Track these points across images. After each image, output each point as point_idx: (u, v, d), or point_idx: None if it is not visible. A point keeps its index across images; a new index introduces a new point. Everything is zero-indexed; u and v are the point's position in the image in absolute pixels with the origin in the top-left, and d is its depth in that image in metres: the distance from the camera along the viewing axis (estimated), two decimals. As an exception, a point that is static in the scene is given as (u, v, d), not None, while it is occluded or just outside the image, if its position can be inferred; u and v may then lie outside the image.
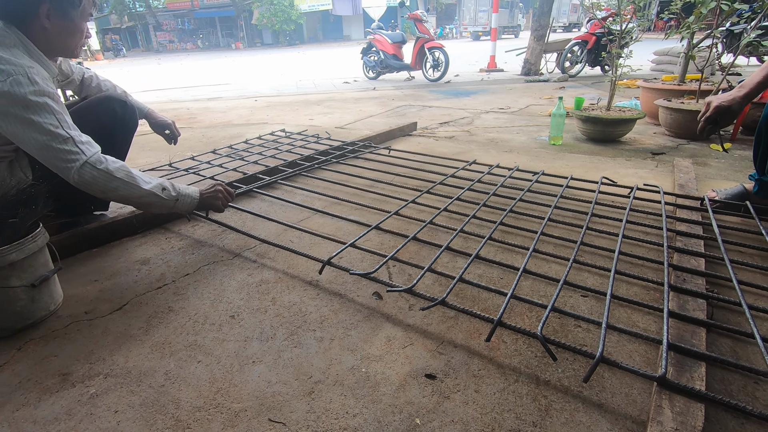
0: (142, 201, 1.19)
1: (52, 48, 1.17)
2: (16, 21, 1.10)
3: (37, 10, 1.10)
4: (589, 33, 6.30)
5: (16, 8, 1.10)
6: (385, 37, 6.99)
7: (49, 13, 1.12)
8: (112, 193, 1.14)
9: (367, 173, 2.01)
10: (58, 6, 1.12)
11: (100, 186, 1.11)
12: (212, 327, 1.05)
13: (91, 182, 1.10)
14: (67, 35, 1.17)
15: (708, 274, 1.12)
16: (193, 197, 1.31)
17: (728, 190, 1.58)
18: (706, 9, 2.84)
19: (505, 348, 0.96)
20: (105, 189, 1.12)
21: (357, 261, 1.34)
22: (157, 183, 1.21)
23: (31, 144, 1.05)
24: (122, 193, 1.15)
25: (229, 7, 29.40)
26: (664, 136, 2.90)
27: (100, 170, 1.10)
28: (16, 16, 1.10)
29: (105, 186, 1.12)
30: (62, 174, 1.09)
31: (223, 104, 5.05)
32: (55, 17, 1.13)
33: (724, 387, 0.84)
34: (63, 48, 1.20)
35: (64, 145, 1.06)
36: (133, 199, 1.18)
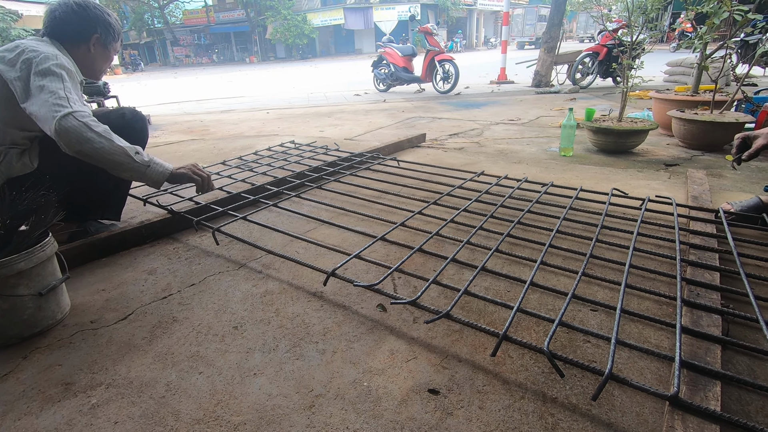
0: (113, 158, 1.22)
1: (86, 68, 1.41)
2: (66, 42, 1.35)
3: (90, 38, 1.38)
4: (600, 44, 6.28)
5: (72, 34, 1.35)
6: (395, 50, 7.06)
7: (96, 42, 1.39)
8: (87, 145, 1.17)
9: (374, 184, 2.01)
10: (104, 38, 1.41)
11: (76, 136, 1.15)
12: (215, 338, 1.05)
13: (69, 130, 1.14)
14: (102, 61, 1.44)
15: (723, 288, 1.08)
16: (165, 168, 1.36)
17: (744, 203, 1.54)
18: (718, 19, 2.81)
19: (511, 363, 0.93)
20: (80, 139, 1.16)
21: (362, 272, 1.33)
22: (132, 146, 1.27)
23: (36, 105, 1.16)
24: (96, 146, 1.18)
25: (243, 23, 30.10)
26: (678, 147, 2.85)
27: (80, 121, 1.16)
28: (68, 38, 1.35)
29: (80, 136, 1.15)
30: (46, 124, 1.15)
31: (236, 116, 5.13)
32: (98, 46, 1.41)
33: (741, 407, 0.80)
34: (94, 70, 1.45)
35: (58, 101, 1.16)
36: (105, 154, 1.20)
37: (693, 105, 3.04)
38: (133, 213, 1.85)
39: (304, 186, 1.97)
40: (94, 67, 1.44)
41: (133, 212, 1.86)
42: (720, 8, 2.77)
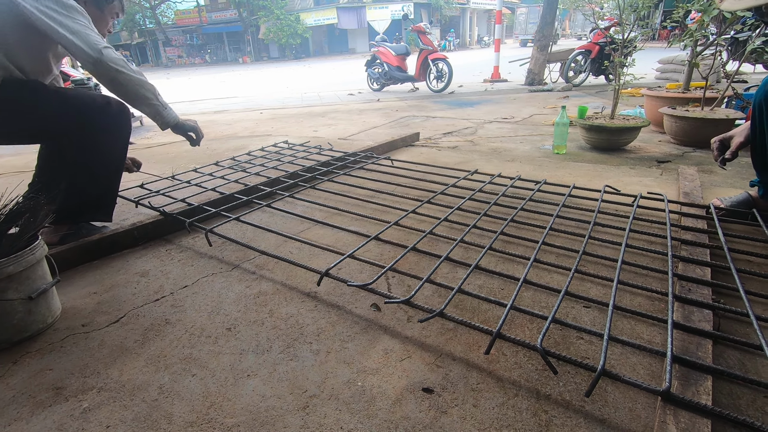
0: (142, 91, 1.41)
1: None
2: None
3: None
4: (592, 42, 6.32)
5: None
6: (389, 50, 7.06)
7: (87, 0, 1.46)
8: (123, 75, 1.35)
9: (368, 184, 2.00)
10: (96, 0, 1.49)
11: (116, 65, 1.33)
12: (208, 340, 1.04)
13: (112, 59, 1.32)
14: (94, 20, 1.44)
15: (714, 283, 1.09)
16: (177, 115, 1.55)
17: (733, 198, 1.55)
18: (708, 17, 2.83)
19: (505, 361, 0.93)
20: (118, 66, 1.33)
21: (356, 272, 1.32)
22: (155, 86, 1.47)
23: (72, 35, 1.28)
24: (131, 76, 1.37)
25: (236, 23, 29.96)
26: (670, 144, 2.87)
27: (118, 55, 1.35)
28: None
29: (119, 65, 1.34)
30: (88, 51, 1.29)
31: (229, 117, 5.11)
32: (90, 4, 1.47)
33: (732, 402, 0.81)
34: None
35: (96, 36, 1.32)
36: (136, 85, 1.39)
37: (684, 102, 3.06)
38: (124, 215, 1.84)
39: (297, 186, 1.96)
40: None
41: (124, 214, 1.84)
42: (710, 5, 2.79)
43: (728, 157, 1.48)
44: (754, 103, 1.41)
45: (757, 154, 1.44)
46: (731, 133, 1.53)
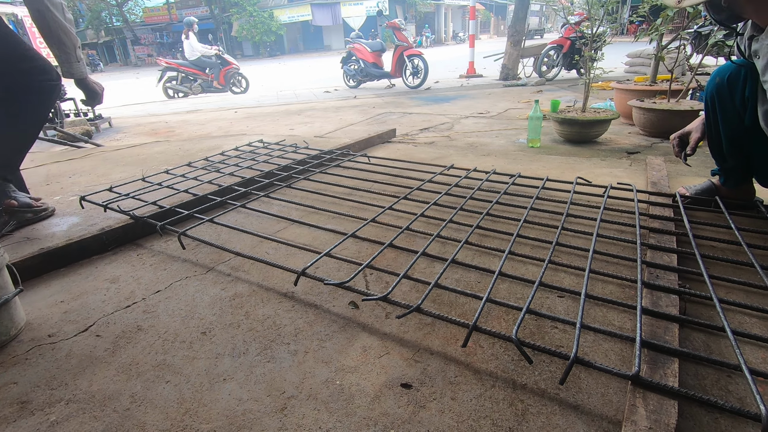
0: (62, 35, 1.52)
1: None
2: None
3: None
4: (563, 37, 6.44)
5: None
6: (364, 46, 7.03)
7: None
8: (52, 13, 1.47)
9: (345, 181, 1.99)
10: None
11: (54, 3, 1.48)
12: (182, 345, 1.02)
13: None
14: None
15: (680, 269, 1.13)
16: (86, 72, 1.71)
17: (697, 186, 1.61)
18: (672, 12, 2.92)
19: (482, 353, 0.94)
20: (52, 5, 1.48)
21: (334, 270, 1.31)
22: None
23: None
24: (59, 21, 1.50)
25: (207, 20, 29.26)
26: (639, 136, 2.96)
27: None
28: None
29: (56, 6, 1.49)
30: None
31: (202, 116, 4.99)
32: None
33: (698, 382, 0.84)
34: None
35: None
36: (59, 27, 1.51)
37: (651, 94, 3.16)
38: (92, 220, 1.77)
39: (273, 185, 1.93)
40: None
41: (93, 219, 1.78)
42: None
43: (689, 153, 1.53)
44: (706, 97, 1.45)
45: (714, 144, 1.50)
46: (688, 128, 1.58)
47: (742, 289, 1.11)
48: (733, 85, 1.36)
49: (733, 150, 1.44)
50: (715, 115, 1.44)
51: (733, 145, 1.43)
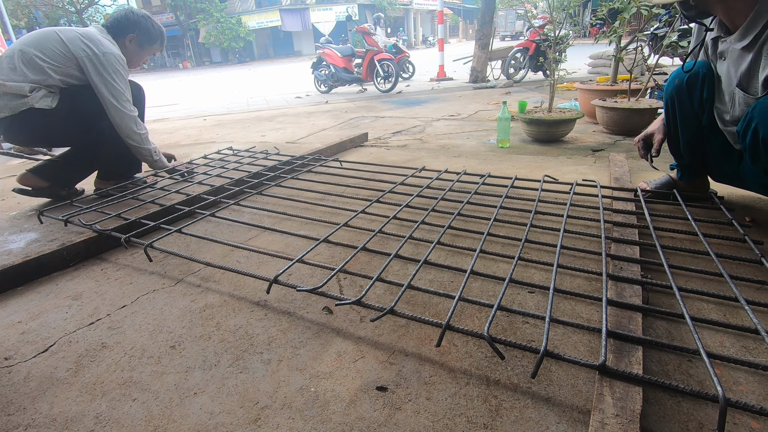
0: (141, 154, 2.07)
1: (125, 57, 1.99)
2: (113, 34, 1.97)
3: (126, 36, 1.99)
4: (529, 40, 6.62)
5: (116, 30, 1.98)
6: (334, 51, 7.03)
7: (131, 40, 2.01)
8: (131, 140, 1.99)
9: (317, 186, 1.98)
10: (138, 39, 2.02)
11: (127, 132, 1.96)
12: (150, 360, 0.98)
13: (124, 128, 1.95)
14: (134, 55, 2.06)
15: (642, 261, 1.17)
16: (164, 163, 2.18)
17: (657, 181, 1.68)
18: (628, 14, 3.05)
19: (456, 351, 0.95)
20: (130, 136, 1.97)
21: (307, 276, 1.30)
22: (154, 146, 2.09)
23: (108, 93, 1.87)
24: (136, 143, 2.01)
25: (173, 26, 28.61)
26: (603, 134, 3.06)
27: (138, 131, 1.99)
28: (113, 32, 1.98)
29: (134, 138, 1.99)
30: (114, 112, 1.91)
31: (170, 125, 4.86)
32: (134, 42, 2.02)
33: (662, 368, 0.87)
34: (128, 61, 2.01)
35: (126, 101, 1.93)
36: (137, 150, 2.04)
37: (613, 94, 3.28)
38: (52, 235, 1.70)
39: (243, 193, 1.90)
40: (129, 58, 2.01)
41: (52, 234, 1.70)
42: (629, 4, 3.01)
43: (654, 155, 1.59)
44: (666, 97, 1.52)
45: (673, 143, 1.57)
46: (650, 129, 1.64)
47: (699, 277, 1.17)
48: (692, 87, 1.43)
49: (690, 148, 1.51)
50: (674, 116, 1.51)
51: (690, 144, 1.50)
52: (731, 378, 0.84)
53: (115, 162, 2.09)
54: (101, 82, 1.82)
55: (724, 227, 1.39)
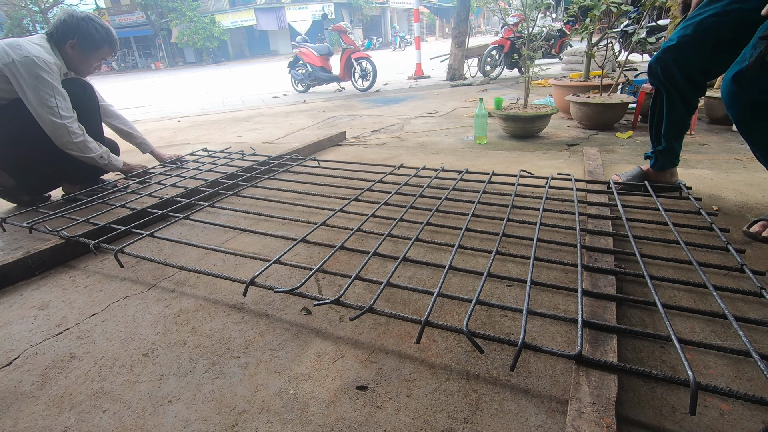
0: (86, 162, 1.91)
1: (68, 64, 1.89)
2: (54, 40, 1.84)
3: (66, 42, 1.84)
4: (504, 38, 6.70)
5: (57, 37, 1.83)
6: (311, 50, 6.96)
7: (72, 47, 1.85)
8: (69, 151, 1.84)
9: (294, 186, 1.96)
10: (80, 45, 1.85)
11: (62, 143, 1.81)
12: (122, 369, 0.95)
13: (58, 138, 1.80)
14: (80, 63, 1.91)
15: (616, 251, 1.19)
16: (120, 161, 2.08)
17: (629, 173, 1.72)
18: (598, 11, 3.12)
19: (436, 347, 0.95)
20: (65, 146, 1.82)
21: (285, 277, 1.28)
22: (98, 152, 1.92)
23: (34, 101, 1.71)
24: (75, 154, 1.85)
25: (144, 26, 27.86)
26: (577, 129, 3.12)
27: (71, 140, 1.81)
28: (55, 39, 1.83)
29: (66, 145, 1.82)
30: (42, 123, 1.75)
31: (142, 127, 4.72)
32: (77, 49, 1.86)
33: (636, 355, 0.89)
34: (73, 68, 1.93)
35: (51, 109, 1.74)
36: (81, 159, 1.89)
37: (586, 90, 3.35)
38: (17, 243, 1.62)
39: (219, 194, 1.86)
40: (74, 66, 1.91)
41: (17, 242, 1.63)
42: (599, 1, 3.07)
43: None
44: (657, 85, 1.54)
45: (655, 127, 1.61)
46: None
47: (670, 265, 1.20)
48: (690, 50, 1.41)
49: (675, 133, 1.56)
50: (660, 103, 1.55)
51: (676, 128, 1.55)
52: (702, 362, 0.86)
53: (78, 166, 1.96)
54: (25, 90, 1.68)
55: (693, 216, 1.43)
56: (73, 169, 1.99)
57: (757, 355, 0.74)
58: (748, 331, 0.93)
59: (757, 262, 1.19)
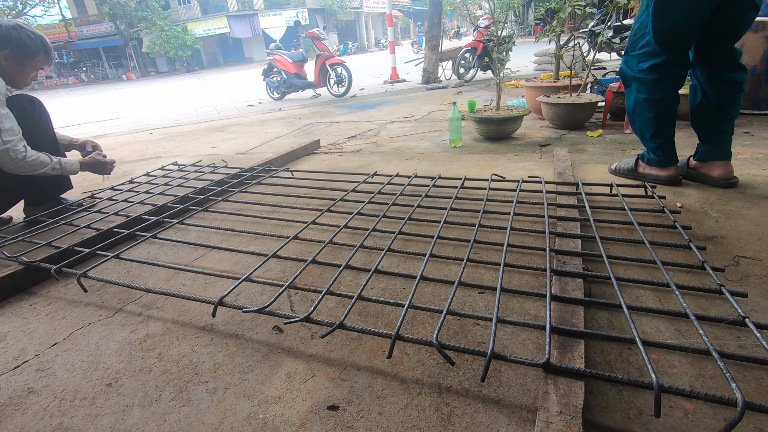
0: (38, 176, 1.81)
1: (4, 77, 1.73)
2: None
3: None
4: (476, 41, 6.79)
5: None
6: (285, 57, 6.92)
7: (6, 57, 1.72)
8: (18, 172, 1.74)
9: (267, 199, 1.93)
10: (14, 55, 1.74)
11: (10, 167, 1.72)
12: (84, 402, 0.91)
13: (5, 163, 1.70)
14: (16, 74, 1.78)
15: (584, 253, 1.21)
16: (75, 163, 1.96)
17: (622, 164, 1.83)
18: (564, 14, 3.19)
19: (409, 361, 0.95)
20: (13, 169, 1.72)
21: (256, 295, 1.26)
22: (50, 163, 1.82)
23: None
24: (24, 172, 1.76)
25: (113, 36, 27.22)
26: (549, 129, 3.18)
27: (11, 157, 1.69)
28: None
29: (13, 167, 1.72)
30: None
31: (113, 140, 4.61)
32: (11, 60, 1.74)
33: (604, 358, 0.90)
34: (11, 81, 1.79)
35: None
36: (32, 175, 1.79)
37: (556, 90, 3.41)
38: (-26, 271, 1.55)
39: (188, 211, 1.82)
40: (11, 78, 1.78)
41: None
42: (564, 4, 3.14)
43: None
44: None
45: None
46: None
47: (637, 265, 1.22)
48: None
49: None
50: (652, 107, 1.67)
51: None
52: (667, 362, 0.88)
53: (35, 186, 1.89)
54: None
55: (658, 215, 1.47)
56: (34, 187, 1.92)
57: (717, 354, 0.76)
58: (709, 328, 0.95)
59: (718, 258, 1.22)
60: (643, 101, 1.66)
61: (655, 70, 1.59)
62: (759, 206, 1.51)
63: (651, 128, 1.69)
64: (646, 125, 1.70)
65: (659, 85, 1.61)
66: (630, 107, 1.75)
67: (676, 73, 1.60)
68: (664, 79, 1.60)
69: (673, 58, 1.56)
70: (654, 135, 1.70)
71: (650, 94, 1.63)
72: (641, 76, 1.63)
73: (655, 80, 1.61)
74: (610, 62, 6.31)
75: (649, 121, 1.68)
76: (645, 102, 1.66)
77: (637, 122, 1.74)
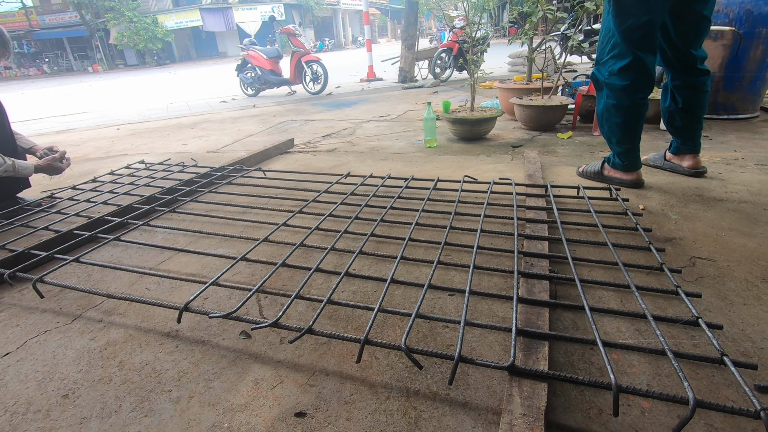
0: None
1: None
2: None
3: None
4: (452, 41, 6.85)
5: None
6: (259, 53, 6.79)
7: None
8: None
9: (237, 200, 1.89)
10: None
11: None
12: (37, 415, 0.87)
13: None
14: None
15: (551, 255, 1.24)
16: (29, 165, 1.88)
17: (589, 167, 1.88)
18: (536, 18, 3.25)
19: (378, 365, 0.95)
20: None
21: (225, 299, 1.23)
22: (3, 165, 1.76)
23: None
24: None
25: (78, 26, 26.05)
26: (522, 130, 3.24)
27: None
28: None
29: None
30: None
31: (77, 136, 4.41)
32: None
33: (567, 359, 0.92)
34: None
35: None
36: None
37: (528, 92, 3.48)
38: None
39: (155, 211, 1.76)
40: None
41: None
42: (536, 8, 3.20)
43: None
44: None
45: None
46: None
47: (601, 267, 1.26)
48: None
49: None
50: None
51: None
52: (626, 361, 0.91)
53: None
54: None
55: (622, 217, 1.52)
56: None
57: (671, 353, 0.79)
58: (667, 328, 0.99)
59: (676, 259, 1.28)
60: (612, 107, 1.72)
61: (623, 73, 1.65)
62: (714, 209, 1.58)
63: (618, 133, 1.75)
64: (613, 130, 1.76)
65: (627, 92, 1.67)
66: (599, 111, 1.81)
67: (644, 80, 1.65)
68: (632, 86, 1.65)
69: (641, 58, 1.62)
70: (620, 140, 1.76)
71: (618, 101, 1.69)
72: (611, 81, 1.69)
73: (623, 87, 1.66)
74: (581, 65, 6.49)
75: (617, 127, 1.74)
76: (613, 108, 1.72)
77: (605, 126, 1.80)
